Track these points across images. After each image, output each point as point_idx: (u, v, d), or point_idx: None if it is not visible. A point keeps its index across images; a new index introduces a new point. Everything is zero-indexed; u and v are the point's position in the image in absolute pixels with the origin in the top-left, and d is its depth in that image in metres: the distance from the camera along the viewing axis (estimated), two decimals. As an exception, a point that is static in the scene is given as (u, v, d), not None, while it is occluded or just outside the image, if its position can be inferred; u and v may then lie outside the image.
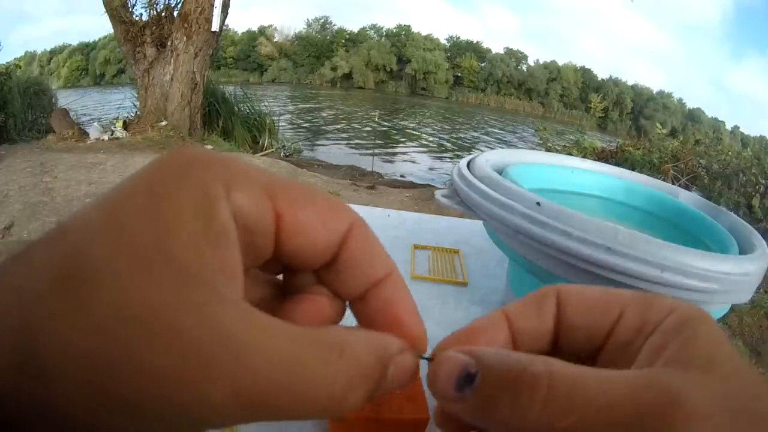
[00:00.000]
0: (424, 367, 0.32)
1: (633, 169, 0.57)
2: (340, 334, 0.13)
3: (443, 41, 30.77)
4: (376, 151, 6.06)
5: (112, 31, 4.82)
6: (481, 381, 0.13)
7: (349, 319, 0.17)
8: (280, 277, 0.16)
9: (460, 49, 30.41)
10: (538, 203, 0.32)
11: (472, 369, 0.14)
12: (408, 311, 0.15)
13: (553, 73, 29.64)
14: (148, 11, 4.73)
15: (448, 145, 8.90)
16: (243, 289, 0.12)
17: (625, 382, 0.13)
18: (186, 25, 4.57)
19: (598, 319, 0.16)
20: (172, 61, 4.64)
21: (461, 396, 0.14)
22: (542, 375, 0.13)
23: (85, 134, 4.47)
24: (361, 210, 0.67)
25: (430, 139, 9.33)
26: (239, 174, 0.12)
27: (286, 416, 0.11)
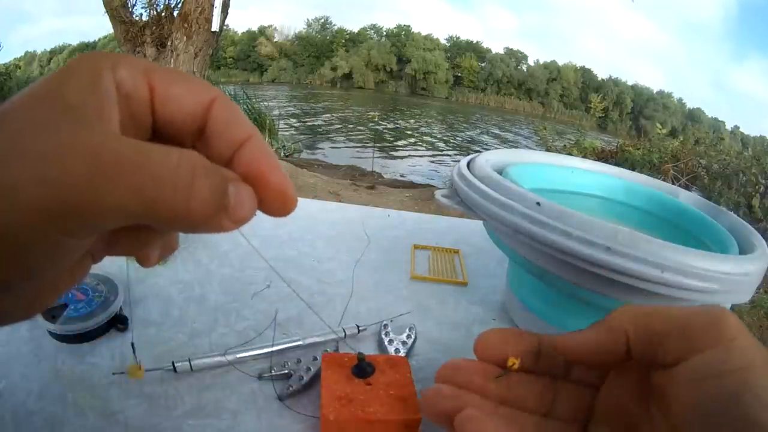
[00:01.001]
0: (415, 370, 0.32)
1: (633, 169, 0.57)
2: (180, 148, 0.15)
3: (443, 41, 30.77)
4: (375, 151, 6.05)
5: (111, 31, 4.82)
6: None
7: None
8: None
9: (460, 49, 30.40)
10: (538, 203, 0.32)
11: None
12: (269, 166, 0.16)
13: (553, 73, 29.63)
14: (148, 11, 4.73)
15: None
16: (117, 127, 0.15)
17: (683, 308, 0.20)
18: (186, 25, 4.57)
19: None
20: (172, 61, 4.64)
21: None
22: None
23: (85, 134, 4.47)
24: (361, 210, 0.67)
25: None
26: (124, 59, 0.16)
27: (133, 196, 0.13)
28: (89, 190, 0.12)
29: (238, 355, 0.33)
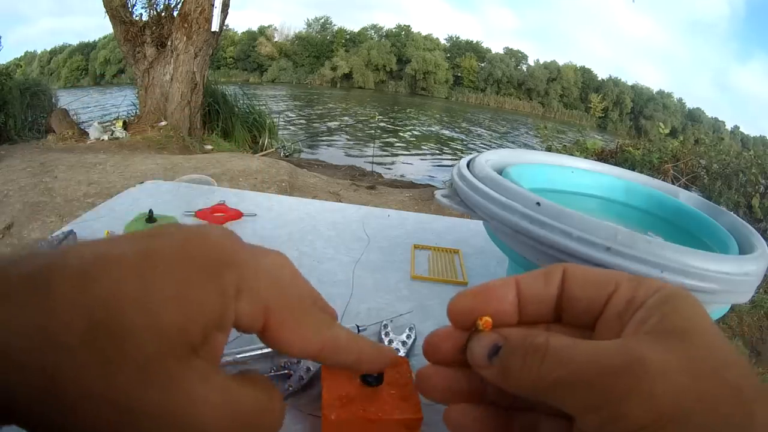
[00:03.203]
0: (415, 370, 0.32)
1: (633, 169, 0.57)
2: (270, 389, 0.17)
3: (443, 41, 30.76)
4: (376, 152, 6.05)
5: (110, 31, 4.82)
6: (503, 352, 0.18)
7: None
8: None
9: (459, 49, 30.39)
10: (538, 203, 0.32)
11: (499, 343, 0.18)
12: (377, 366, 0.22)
13: (553, 73, 29.61)
14: (148, 11, 4.73)
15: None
16: (219, 360, 0.16)
17: (602, 348, 0.16)
18: (186, 25, 4.56)
19: (596, 292, 0.19)
20: (172, 61, 4.64)
21: (490, 363, 0.18)
22: (542, 343, 0.17)
23: (85, 134, 4.47)
24: (361, 210, 0.67)
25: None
26: (249, 285, 0.16)
27: None
28: None
29: (238, 356, 0.33)
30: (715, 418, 0.14)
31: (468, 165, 0.42)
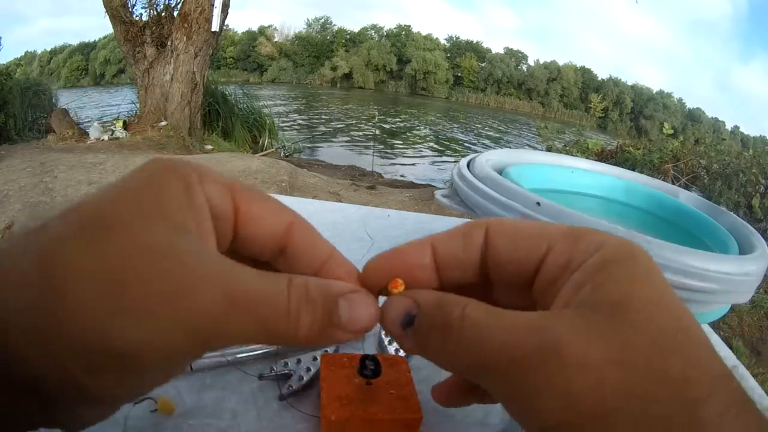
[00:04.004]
0: (415, 370, 0.32)
1: (633, 169, 0.57)
2: (288, 274, 0.15)
3: (443, 41, 30.76)
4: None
5: (110, 31, 4.82)
6: (418, 323, 0.15)
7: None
8: None
9: (460, 49, 30.40)
10: (538, 203, 0.32)
11: (413, 311, 0.16)
12: (350, 278, 0.18)
13: (553, 73, 29.61)
14: (148, 11, 4.73)
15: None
16: (215, 245, 0.16)
17: (518, 328, 0.14)
18: (186, 25, 4.57)
19: (526, 254, 0.16)
20: (172, 61, 4.64)
21: (405, 334, 0.16)
22: (457, 318, 0.14)
23: (85, 134, 4.47)
24: (361, 210, 0.67)
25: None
26: (207, 173, 0.16)
27: (257, 327, 0.14)
28: (223, 322, 0.13)
29: (239, 356, 0.33)
30: (648, 420, 0.12)
31: (468, 165, 0.42)
